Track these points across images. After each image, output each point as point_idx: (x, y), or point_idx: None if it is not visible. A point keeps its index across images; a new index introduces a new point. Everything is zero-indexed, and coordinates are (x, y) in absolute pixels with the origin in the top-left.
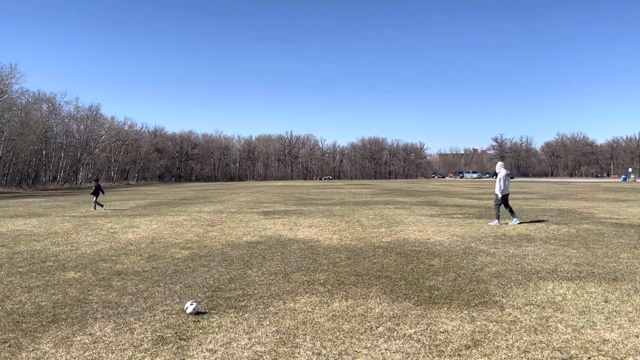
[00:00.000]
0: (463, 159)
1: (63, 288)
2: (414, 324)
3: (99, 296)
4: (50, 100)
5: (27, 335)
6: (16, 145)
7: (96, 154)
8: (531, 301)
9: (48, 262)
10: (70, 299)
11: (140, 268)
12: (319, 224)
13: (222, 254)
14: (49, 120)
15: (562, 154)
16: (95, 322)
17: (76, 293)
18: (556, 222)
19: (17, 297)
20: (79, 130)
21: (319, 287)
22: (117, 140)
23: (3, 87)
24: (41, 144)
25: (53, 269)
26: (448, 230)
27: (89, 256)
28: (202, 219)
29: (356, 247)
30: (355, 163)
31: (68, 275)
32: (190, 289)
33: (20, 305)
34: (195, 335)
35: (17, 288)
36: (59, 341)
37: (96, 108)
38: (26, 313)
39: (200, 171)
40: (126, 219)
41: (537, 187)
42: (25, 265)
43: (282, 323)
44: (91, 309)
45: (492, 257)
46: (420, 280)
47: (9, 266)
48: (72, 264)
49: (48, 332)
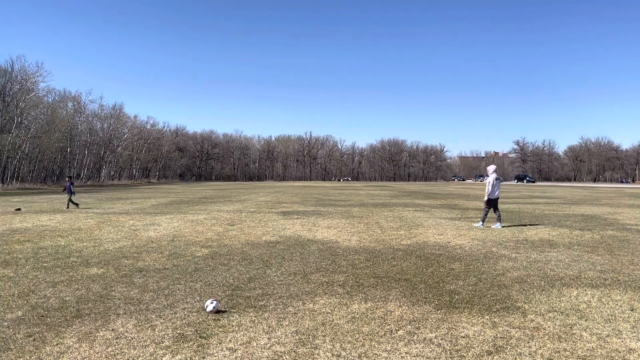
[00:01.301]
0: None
1: (86, 284)
2: (434, 328)
3: (121, 292)
4: (76, 99)
5: (51, 330)
6: (42, 142)
7: (119, 152)
8: (554, 308)
9: (72, 257)
10: (94, 295)
11: (161, 265)
12: (338, 225)
13: (242, 253)
14: (74, 118)
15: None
16: (118, 318)
17: (99, 289)
18: (580, 227)
19: (42, 291)
20: (102, 128)
21: (338, 288)
22: (140, 139)
23: (30, 86)
24: (66, 141)
25: (77, 264)
26: (468, 234)
27: (111, 253)
28: (222, 218)
29: (375, 249)
30: (374, 164)
31: (91, 271)
32: (211, 288)
33: (45, 299)
34: (215, 334)
35: (42, 283)
36: (82, 336)
37: (119, 107)
38: (50, 307)
39: (220, 170)
40: (147, 217)
41: (559, 191)
42: (50, 261)
43: (301, 324)
44: (113, 305)
45: (514, 262)
46: (441, 284)
47: (34, 261)
48: (95, 260)
49: (72, 327)
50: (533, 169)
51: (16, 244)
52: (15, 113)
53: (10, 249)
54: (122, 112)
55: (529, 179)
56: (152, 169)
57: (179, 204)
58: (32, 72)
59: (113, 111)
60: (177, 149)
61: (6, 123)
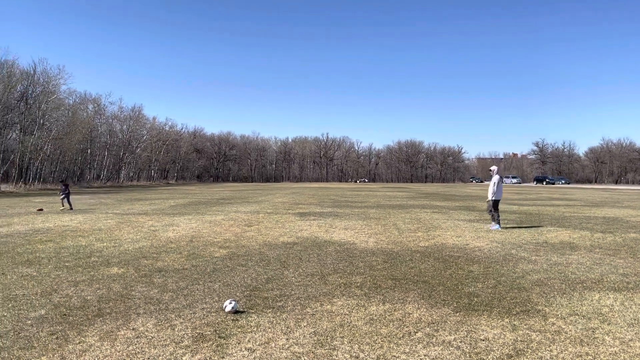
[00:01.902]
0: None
1: (107, 283)
2: (453, 331)
3: (141, 292)
4: (96, 101)
5: (73, 328)
6: (63, 144)
7: (138, 154)
8: (576, 311)
9: (93, 257)
10: (114, 294)
11: (180, 266)
12: (355, 227)
13: (260, 254)
14: (94, 120)
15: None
16: (138, 317)
17: (119, 288)
18: (601, 230)
19: (64, 290)
20: (122, 130)
21: (356, 290)
22: (158, 140)
23: (52, 88)
24: (86, 142)
25: (97, 264)
26: (487, 236)
27: (131, 253)
28: (239, 219)
29: (393, 251)
30: (391, 166)
31: (112, 271)
32: (229, 288)
33: (67, 298)
34: (234, 334)
35: (64, 282)
36: (103, 335)
37: (139, 109)
38: (72, 306)
39: (238, 172)
40: (166, 218)
41: (579, 193)
42: (72, 260)
43: (319, 325)
44: (134, 304)
45: (534, 265)
46: (459, 287)
47: (57, 260)
48: (116, 260)
49: (93, 326)
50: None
51: (39, 244)
52: (37, 115)
53: (33, 248)
54: (141, 114)
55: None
56: (170, 170)
57: (197, 205)
58: (53, 74)
59: (132, 113)
60: (195, 151)
61: (29, 125)
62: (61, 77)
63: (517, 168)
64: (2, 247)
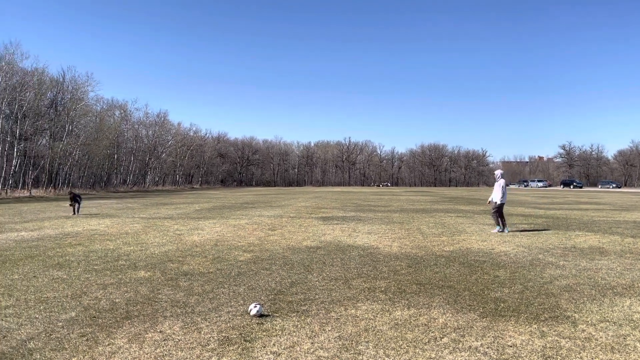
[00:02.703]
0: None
1: (134, 286)
2: (480, 337)
3: (167, 295)
4: (122, 107)
5: (102, 330)
6: (91, 149)
7: (163, 159)
8: (606, 318)
9: (120, 261)
10: (142, 297)
11: (205, 269)
12: (378, 231)
13: (283, 257)
14: (121, 125)
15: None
16: (165, 320)
17: (146, 291)
18: (632, 235)
19: (93, 293)
20: (147, 135)
21: (380, 294)
22: (183, 146)
23: (80, 95)
24: (113, 148)
25: (125, 267)
26: (513, 240)
27: (157, 256)
28: (263, 223)
29: (417, 256)
30: (414, 170)
31: (139, 274)
32: (254, 292)
33: (96, 301)
34: (259, 337)
35: (93, 285)
36: (132, 337)
37: (164, 114)
38: (102, 309)
39: (261, 176)
40: (191, 222)
41: (608, 197)
42: (100, 264)
43: (344, 329)
44: (161, 307)
45: (562, 270)
46: (485, 292)
47: (85, 264)
48: (142, 263)
49: (122, 328)
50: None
51: (68, 247)
52: (66, 121)
53: (63, 252)
54: (167, 120)
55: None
56: (194, 175)
57: (221, 209)
58: (82, 82)
59: (158, 119)
60: (218, 155)
61: (58, 131)
62: (89, 84)
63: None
64: (34, 251)
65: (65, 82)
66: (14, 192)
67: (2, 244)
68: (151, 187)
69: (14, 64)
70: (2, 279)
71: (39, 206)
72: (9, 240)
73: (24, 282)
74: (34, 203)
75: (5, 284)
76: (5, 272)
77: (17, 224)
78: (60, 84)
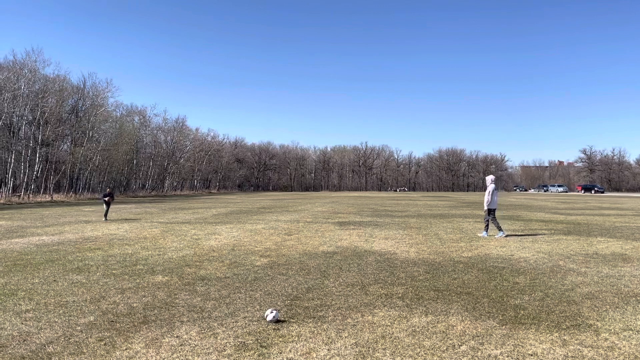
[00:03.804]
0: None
1: (152, 291)
2: (499, 345)
3: (184, 300)
4: (142, 113)
5: (120, 335)
6: (111, 155)
7: (181, 164)
8: (630, 326)
9: (138, 265)
10: (159, 302)
11: (222, 274)
12: (395, 236)
13: (300, 263)
14: (140, 131)
15: None
16: (182, 325)
17: (164, 296)
18: None
19: (112, 297)
20: (166, 140)
21: (397, 300)
22: (201, 151)
23: (100, 101)
24: (132, 153)
25: (143, 272)
26: (533, 246)
27: (175, 261)
28: (279, 228)
29: (435, 262)
30: (431, 174)
31: (156, 279)
32: (270, 297)
33: (114, 305)
34: (275, 343)
35: (111, 289)
36: (149, 342)
37: (182, 120)
38: (120, 313)
39: (277, 181)
40: (209, 226)
41: (631, 202)
42: (119, 268)
43: (360, 336)
44: (178, 312)
45: (584, 277)
46: (505, 299)
47: (104, 268)
48: (160, 268)
49: (139, 333)
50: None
51: (88, 252)
52: (86, 127)
53: (83, 256)
54: (185, 125)
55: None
56: (212, 180)
57: (238, 214)
58: (102, 88)
59: (176, 124)
60: (236, 160)
61: (79, 137)
62: (109, 90)
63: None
64: (54, 255)
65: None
66: (36, 197)
67: (23, 248)
68: (169, 192)
69: (37, 71)
70: (23, 282)
71: (60, 211)
72: (31, 245)
73: (44, 286)
74: (55, 208)
75: (26, 288)
76: (27, 276)
77: (39, 228)
78: (81, 90)
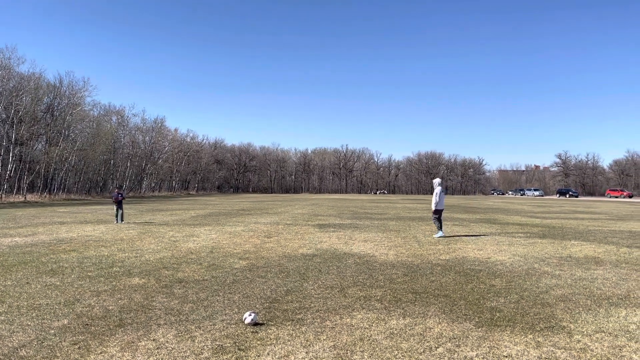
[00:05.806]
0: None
1: (128, 293)
2: (475, 346)
3: (161, 303)
4: (119, 113)
5: (95, 338)
6: (87, 155)
7: (159, 165)
8: (602, 328)
9: (115, 267)
10: (135, 305)
11: (200, 277)
12: (375, 239)
13: (279, 265)
14: (117, 131)
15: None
16: (159, 328)
17: (140, 299)
18: (627, 244)
19: (87, 300)
20: (144, 141)
21: (376, 303)
22: (180, 152)
23: (77, 100)
24: (109, 154)
25: (119, 274)
26: (509, 249)
27: (152, 263)
28: (259, 230)
29: (413, 264)
30: (410, 177)
31: (133, 281)
32: (249, 300)
33: (89, 308)
34: (253, 346)
35: (86, 292)
36: (125, 345)
37: (161, 120)
38: (95, 316)
39: (257, 183)
40: (187, 228)
41: (604, 207)
42: (94, 270)
43: (339, 338)
44: (154, 315)
45: (558, 280)
46: (481, 301)
47: (79, 270)
48: (137, 270)
49: (115, 336)
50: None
51: (62, 254)
52: (62, 126)
53: (57, 258)
54: (163, 126)
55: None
56: (191, 181)
57: (217, 215)
58: (79, 87)
59: (154, 124)
60: (215, 162)
61: (54, 136)
62: (86, 90)
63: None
64: (27, 257)
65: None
66: (9, 197)
67: None
68: (147, 193)
69: (11, 69)
70: None
71: (34, 211)
72: (2, 246)
73: (17, 289)
74: (29, 208)
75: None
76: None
77: (11, 229)
78: (57, 89)
